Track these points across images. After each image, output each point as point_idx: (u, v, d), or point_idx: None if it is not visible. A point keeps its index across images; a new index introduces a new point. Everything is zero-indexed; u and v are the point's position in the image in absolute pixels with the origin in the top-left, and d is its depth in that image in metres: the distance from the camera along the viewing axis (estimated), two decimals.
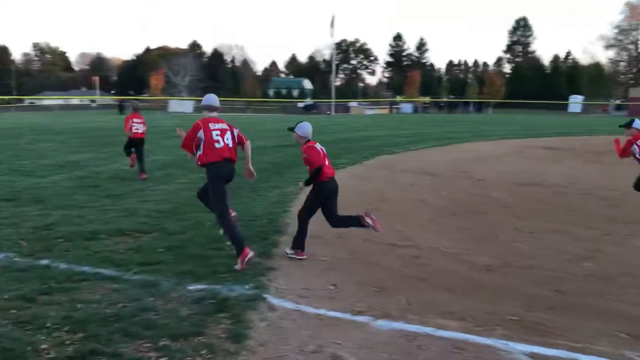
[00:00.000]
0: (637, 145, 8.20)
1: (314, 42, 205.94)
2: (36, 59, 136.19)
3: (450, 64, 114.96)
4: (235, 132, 5.91)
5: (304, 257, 5.98)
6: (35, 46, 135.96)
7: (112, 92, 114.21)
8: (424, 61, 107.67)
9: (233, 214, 6.13)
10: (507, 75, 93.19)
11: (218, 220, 5.85)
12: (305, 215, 6.08)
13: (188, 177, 11.13)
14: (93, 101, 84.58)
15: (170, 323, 4.14)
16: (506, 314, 4.56)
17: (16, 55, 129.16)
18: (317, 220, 7.69)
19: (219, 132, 5.71)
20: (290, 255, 5.98)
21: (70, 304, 4.46)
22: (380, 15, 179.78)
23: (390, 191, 10.36)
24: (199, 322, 4.19)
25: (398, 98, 73.54)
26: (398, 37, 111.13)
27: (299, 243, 6.02)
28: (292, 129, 6.23)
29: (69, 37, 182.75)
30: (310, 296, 4.89)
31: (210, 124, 5.74)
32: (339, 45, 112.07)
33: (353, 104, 71.78)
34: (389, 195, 9.96)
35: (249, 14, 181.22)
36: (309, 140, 6.11)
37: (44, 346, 3.75)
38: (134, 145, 11.08)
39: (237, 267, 5.37)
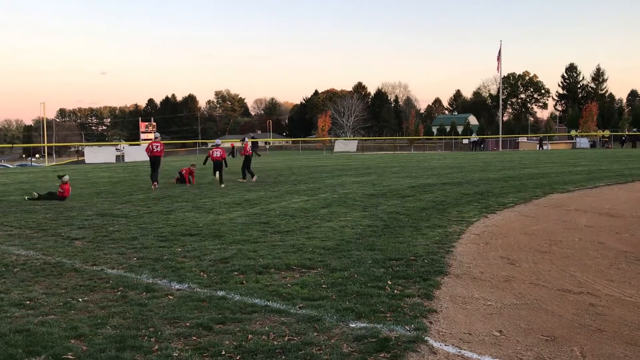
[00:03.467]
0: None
1: (479, 77, 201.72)
2: (218, 105, 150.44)
3: (633, 94, 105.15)
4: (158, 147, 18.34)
5: None
6: (218, 94, 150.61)
7: (284, 134, 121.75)
8: (602, 92, 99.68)
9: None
10: None
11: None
12: None
13: (351, 215, 11.43)
14: (267, 143, 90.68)
15: (332, 359, 4.25)
16: None
17: (202, 102, 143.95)
18: (483, 263, 7.44)
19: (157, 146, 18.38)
20: None
21: (242, 334, 4.78)
22: (551, 46, 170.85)
23: (563, 232, 9.65)
24: None
25: (573, 132, 68.67)
26: (572, 68, 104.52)
27: None
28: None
29: (246, 84, 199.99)
30: (473, 341, 4.71)
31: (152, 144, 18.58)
32: (506, 79, 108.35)
33: (522, 139, 68.63)
34: (561, 236, 9.28)
35: (415, 53, 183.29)
36: None
37: None
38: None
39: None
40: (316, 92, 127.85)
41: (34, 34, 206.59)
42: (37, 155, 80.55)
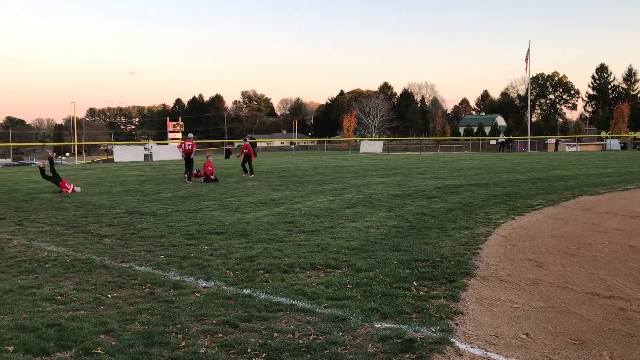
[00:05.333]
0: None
1: (507, 78, 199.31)
2: (244, 105, 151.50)
3: None
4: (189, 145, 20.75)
5: None
6: (244, 94, 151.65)
7: (310, 134, 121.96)
8: (633, 93, 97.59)
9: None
10: None
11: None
12: None
13: (376, 215, 11.40)
14: (292, 143, 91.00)
15: (357, 359, 4.26)
16: None
17: (228, 102, 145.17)
18: (510, 265, 7.36)
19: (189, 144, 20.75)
20: None
21: (268, 332, 4.82)
22: (581, 46, 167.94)
23: (592, 235, 9.48)
24: None
25: (603, 134, 67.36)
26: (602, 68, 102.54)
27: None
28: None
29: (272, 84, 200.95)
30: (499, 344, 4.66)
31: (184, 143, 21.30)
32: (535, 80, 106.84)
33: (551, 140, 67.63)
34: (590, 239, 9.12)
35: (442, 53, 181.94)
36: None
37: None
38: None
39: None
40: (342, 92, 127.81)
41: (64, 35, 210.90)
42: (67, 154, 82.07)
